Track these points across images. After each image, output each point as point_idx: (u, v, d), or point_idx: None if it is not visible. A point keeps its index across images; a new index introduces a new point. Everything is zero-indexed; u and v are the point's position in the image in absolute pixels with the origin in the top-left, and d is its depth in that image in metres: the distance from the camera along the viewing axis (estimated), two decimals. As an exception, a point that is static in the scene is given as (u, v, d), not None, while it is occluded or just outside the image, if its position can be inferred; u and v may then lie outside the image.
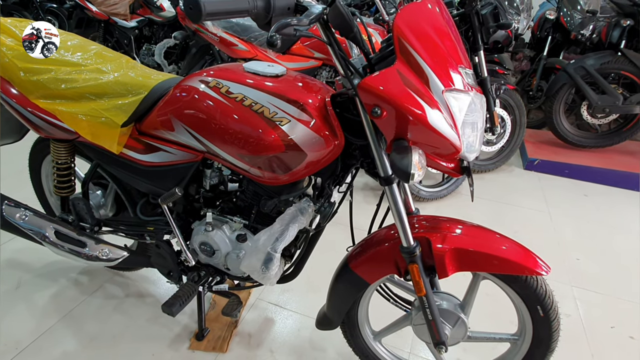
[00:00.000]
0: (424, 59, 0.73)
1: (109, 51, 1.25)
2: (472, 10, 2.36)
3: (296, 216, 0.97)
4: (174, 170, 1.11)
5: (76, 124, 1.09)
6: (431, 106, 0.75)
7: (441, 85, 0.74)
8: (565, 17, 3.30)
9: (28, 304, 1.56)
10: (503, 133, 2.75)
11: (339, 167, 1.00)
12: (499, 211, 2.42)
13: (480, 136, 0.85)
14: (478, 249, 0.96)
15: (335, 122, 0.92)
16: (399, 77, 0.73)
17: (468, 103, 0.78)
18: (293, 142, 0.89)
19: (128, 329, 1.48)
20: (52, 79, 1.08)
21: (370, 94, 0.75)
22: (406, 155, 0.74)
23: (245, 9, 0.59)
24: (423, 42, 0.73)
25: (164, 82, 1.11)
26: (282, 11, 0.63)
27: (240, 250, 1.13)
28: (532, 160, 2.90)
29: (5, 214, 1.31)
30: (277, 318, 1.56)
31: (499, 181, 2.78)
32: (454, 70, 0.76)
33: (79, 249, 1.28)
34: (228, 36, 2.30)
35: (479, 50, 2.46)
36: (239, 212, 1.16)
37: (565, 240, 2.15)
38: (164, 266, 1.26)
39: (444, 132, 0.77)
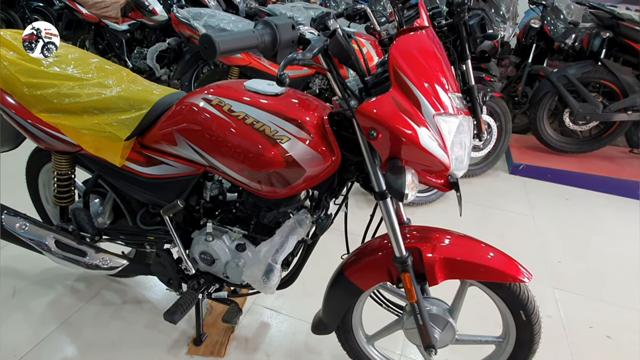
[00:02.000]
0: (417, 86, 0.79)
1: (109, 64, 1.28)
2: (460, 20, 2.44)
3: (295, 228, 1.02)
4: (175, 183, 1.15)
5: (79, 137, 1.12)
6: (423, 129, 0.81)
7: (432, 110, 0.80)
8: (549, 26, 3.42)
9: (25, 312, 1.57)
10: (489, 139, 2.84)
11: (336, 181, 1.05)
12: (485, 215, 2.51)
13: (468, 154, 0.91)
14: (465, 259, 1.02)
15: (333, 139, 0.97)
16: (393, 103, 0.79)
17: (457, 125, 0.84)
18: (292, 158, 0.94)
19: (126, 335, 1.50)
20: (55, 94, 1.11)
21: (368, 118, 0.80)
22: (400, 176, 0.80)
23: (255, 44, 0.64)
24: (416, 71, 0.79)
25: (166, 97, 1.15)
26: (287, 44, 0.68)
27: (239, 259, 1.17)
28: (517, 165, 3.00)
29: (5, 223, 1.32)
30: (273, 322, 1.61)
31: (486, 185, 2.88)
32: (444, 96, 0.82)
33: (79, 258, 1.31)
34: (222, 44, 2.33)
35: (467, 60, 2.55)
36: (238, 223, 1.20)
37: (548, 243, 2.24)
38: (164, 274, 1.29)
39: (434, 152, 0.83)
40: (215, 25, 2.32)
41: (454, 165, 0.87)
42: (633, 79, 2.77)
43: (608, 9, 2.86)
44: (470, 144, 0.90)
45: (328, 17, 1.06)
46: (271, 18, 0.68)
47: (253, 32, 0.64)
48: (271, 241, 1.01)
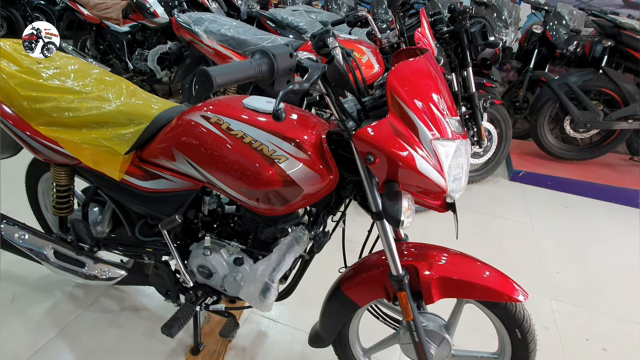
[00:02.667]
0: (414, 112, 0.79)
1: (109, 75, 1.28)
2: (461, 28, 2.43)
3: (292, 245, 1.02)
4: (173, 197, 1.15)
5: (78, 151, 1.12)
6: (420, 154, 0.81)
7: (429, 135, 0.80)
8: (551, 32, 3.41)
9: (23, 319, 1.58)
10: (489, 146, 2.84)
11: (333, 199, 1.05)
12: (484, 223, 2.51)
13: (465, 177, 0.91)
14: (462, 278, 1.03)
15: (330, 158, 0.97)
16: (391, 128, 0.79)
17: (454, 150, 0.84)
18: (290, 178, 0.94)
19: (124, 343, 1.51)
20: (54, 108, 1.11)
21: (365, 143, 0.81)
22: (397, 202, 0.80)
23: (252, 75, 0.64)
24: (413, 97, 0.79)
25: (165, 111, 1.15)
26: (285, 72, 0.68)
27: (237, 273, 1.18)
28: (517, 171, 3.00)
29: (4, 233, 1.33)
30: (270, 332, 1.61)
31: (485, 192, 2.88)
32: (441, 120, 0.82)
33: (77, 268, 1.32)
34: (223, 49, 2.33)
35: (468, 67, 2.54)
36: (236, 237, 1.20)
37: (546, 253, 2.25)
38: (162, 286, 1.30)
39: (431, 176, 0.83)
40: (216, 30, 2.32)
41: (451, 187, 0.87)
42: (634, 88, 2.76)
43: (610, 18, 2.85)
44: (468, 167, 0.90)
45: (328, 34, 1.06)
46: (269, 47, 0.68)
47: (250, 63, 0.64)
48: (268, 259, 1.01)
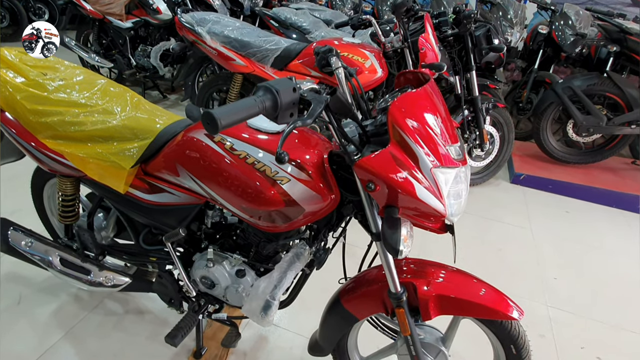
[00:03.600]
0: (415, 142, 0.80)
1: (114, 85, 1.29)
2: (466, 31, 2.42)
3: (293, 262, 1.04)
4: (177, 211, 1.17)
5: (84, 165, 1.14)
6: (420, 182, 0.82)
7: (429, 164, 0.82)
8: (557, 32, 3.38)
9: (30, 320, 1.61)
10: (491, 149, 2.85)
11: (334, 218, 1.07)
12: (484, 227, 2.53)
13: (465, 200, 0.93)
14: (458, 296, 1.05)
15: (332, 179, 0.99)
16: (391, 158, 0.80)
17: (453, 176, 0.86)
18: (292, 199, 0.96)
19: (128, 346, 1.55)
20: (60, 122, 1.13)
21: (366, 172, 0.82)
22: (396, 230, 0.82)
23: (256, 112, 0.65)
24: (414, 127, 0.80)
25: (170, 126, 1.16)
26: (288, 106, 0.69)
27: (239, 284, 1.20)
28: (519, 174, 3.01)
29: (11, 240, 1.36)
30: (270, 336, 1.65)
31: (486, 195, 2.89)
32: (442, 149, 0.83)
33: (83, 275, 1.34)
34: (226, 51, 2.33)
35: (471, 70, 2.54)
36: (238, 249, 1.22)
37: (545, 259, 2.27)
38: (166, 294, 1.33)
39: (430, 203, 0.84)
40: (219, 32, 2.31)
41: (450, 212, 0.89)
42: (638, 93, 2.75)
43: (616, 23, 2.82)
44: (467, 191, 0.92)
45: (331, 53, 1.06)
46: (272, 82, 0.68)
47: (254, 101, 0.65)
48: (270, 277, 1.03)
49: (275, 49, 2.25)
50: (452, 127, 0.88)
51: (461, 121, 2.64)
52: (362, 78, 2.13)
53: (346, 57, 2.13)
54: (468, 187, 0.92)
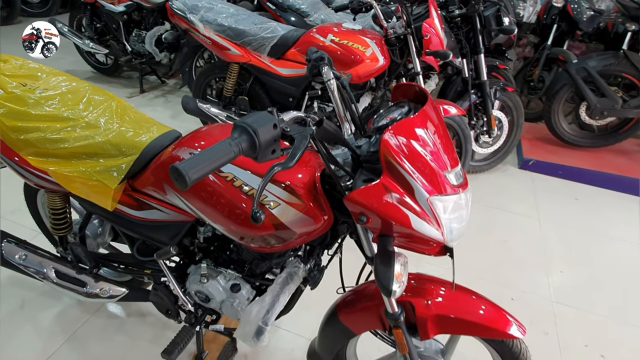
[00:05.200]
0: (409, 173, 0.74)
1: (99, 93, 1.23)
2: (474, 12, 2.28)
3: (286, 284, 1.01)
4: (167, 227, 1.13)
5: (68, 183, 1.10)
6: (415, 213, 0.77)
7: (426, 194, 0.76)
8: (572, 6, 3.17)
9: (34, 325, 1.63)
10: (499, 135, 2.74)
11: (329, 237, 1.03)
12: (489, 217, 2.47)
13: (466, 225, 0.87)
14: (458, 315, 1.01)
15: (324, 200, 0.93)
16: (384, 190, 0.74)
17: (452, 204, 0.80)
18: (282, 223, 0.91)
19: (131, 350, 1.56)
20: (41, 139, 1.08)
21: (357, 205, 0.77)
22: (389, 267, 0.77)
23: (231, 157, 0.59)
24: (409, 157, 0.74)
25: (155, 140, 1.11)
26: (269, 144, 0.63)
27: (234, 299, 1.18)
28: (527, 160, 2.92)
29: (5, 252, 1.34)
30: (271, 338, 1.65)
31: (493, 182, 2.81)
32: (440, 177, 0.77)
33: (79, 288, 1.33)
34: (221, 40, 2.22)
35: (480, 54, 2.41)
36: (232, 263, 1.20)
37: (551, 251, 2.22)
38: (162, 306, 1.32)
39: (427, 233, 0.79)
40: (212, 20, 2.20)
41: (449, 238, 0.84)
42: (657, 73, 2.59)
43: None
44: (468, 217, 0.86)
45: (323, 62, 0.98)
46: (250, 120, 0.62)
47: (229, 145, 0.59)
48: (262, 301, 1.00)
49: (271, 37, 2.14)
50: (452, 150, 0.81)
51: (467, 107, 2.53)
52: (363, 67, 2.02)
53: (346, 46, 2.02)
54: (469, 210, 0.86)
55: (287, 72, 2.18)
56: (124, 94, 3.60)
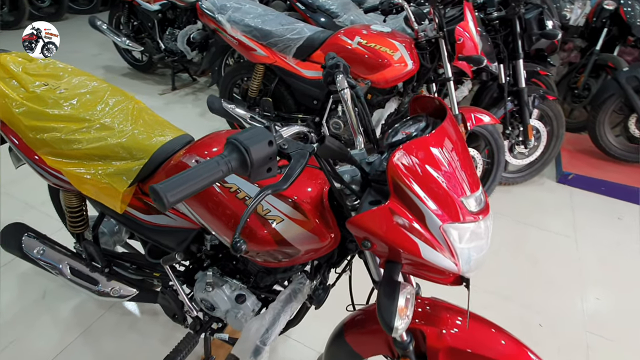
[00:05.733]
0: (420, 198, 0.66)
1: (116, 94, 1.23)
2: (514, 14, 2.14)
3: (289, 302, 0.96)
4: (174, 233, 1.12)
5: (80, 184, 1.10)
6: (425, 241, 0.69)
7: (438, 221, 0.68)
8: (625, 9, 2.93)
9: (53, 315, 1.68)
10: (537, 146, 2.57)
11: (335, 256, 0.97)
12: (521, 234, 2.31)
13: (486, 253, 0.79)
14: (474, 350, 0.93)
15: (332, 217, 0.88)
16: (390, 215, 0.67)
17: (469, 233, 0.72)
18: (285, 240, 0.86)
19: (141, 349, 1.57)
20: (56, 139, 1.08)
21: (360, 230, 0.70)
22: (392, 301, 0.70)
23: (218, 177, 0.54)
24: (420, 180, 0.66)
25: (166, 145, 1.09)
26: (263, 162, 0.58)
27: (239, 310, 1.15)
28: (567, 173, 2.72)
29: (25, 246, 1.38)
30: (280, 348, 1.61)
31: (527, 196, 2.64)
32: (456, 202, 0.69)
33: (91, 285, 1.35)
34: (247, 40, 2.20)
35: (518, 59, 2.26)
36: (239, 273, 1.16)
37: (588, 274, 2.05)
38: (169, 309, 1.31)
39: (438, 263, 0.72)
40: (239, 20, 2.18)
41: (465, 269, 0.76)
42: None
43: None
44: (488, 246, 0.77)
45: (338, 69, 0.92)
46: (243, 136, 0.57)
47: (216, 164, 0.54)
48: (262, 319, 0.96)
49: (297, 38, 2.10)
50: (472, 173, 0.73)
51: (502, 115, 2.38)
52: (390, 71, 1.94)
53: (373, 49, 1.94)
54: (489, 239, 0.78)
55: (312, 74, 2.13)
56: (157, 90, 3.68)
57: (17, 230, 1.42)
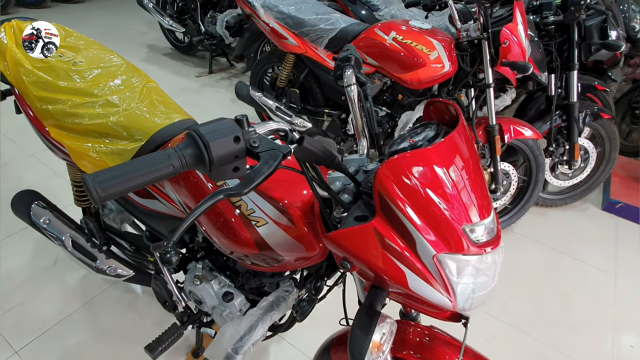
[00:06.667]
0: (412, 221, 0.56)
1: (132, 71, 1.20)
2: (573, 20, 1.92)
3: (269, 311, 0.89)
4: (166, 220, 1.07)
5: (79, 159, 1.08)
6: (414, 271, 0.59)
7: (432, 250, 0.58)
8: None
9: (59, 284, 1.71)
10: (583, 167, 2.32)
11: (324, 268, 0.88)
12: (553, 262, 2.11)
13: (490, 293, 0.67)
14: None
15: (322, 229, 0.79)
16: (375, 236, 0.58)
17: (470, 267, 0.61)
18: (267, 245, 0.79)
19: (136, 329, 1.57)
20: (61, 111, 1.07)
21: (338, 247, 0.61)
22: (366, 336, 0.61)
23: (168, 172, 0.47)
24: (415, 201, 0.56)
25: (165, 128, 1.05)
26: (226, 160, 0.50)
27: (225, 308, 1.09)
28: (614, 202, 2.45)
29: (33, 214, 1.40)
30: (273, 349, 1.55)
31: (565, 221, 2.41)
32: (456, 230, 0.58)
33: (90, 261, 1.35)
34: (280, 27, 2.14)
35: (573, 70, 2.04)
36: (228, 270, 1.11)
37: (624, 318, 1.82)
38: (161, 296, 1.28)
39: (428, 297, 0.61)
40: (273, 6, 2.12)
41: (462, 306, 0.65)
42: None
43: None
44: (495, 281, 0.66)
45: (349, 63, 0.82)
46: (206, 128, 0.49)
47: (167, 156, 0.47)
48: (237, 324, 0.89)
49: (330, 29, 2.00)
50: (484, 195, 0.61)
51: (547, 131, 2.16)
52: (424, 72, 1.80)
53: (409, 46, 1.81)
54: (496, 276, 0.66)
55: (342, 68, 2.03)
56: (194, 72, 3.71)
57: (29, 197, 1.44)
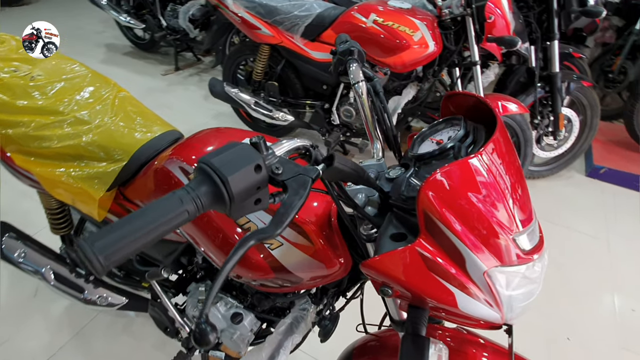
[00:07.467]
0: (461, 238, 0.50)
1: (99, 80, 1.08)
2: (552, -11, 1.89)
3: (290, 333, 0.82)
4: (160, 245, 0.98)
5: (53, 188, 0.96)
6: (463, 290, 0.53)
7: (483, 266, 0.52)
8: (674, -18, 2.62)
9: (44, 316, 1.58)
10: (567, 137, 2.34)
11: (345, 283, 0.82)
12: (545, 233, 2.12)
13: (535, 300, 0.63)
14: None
15: (342, 243, 0.72)
16: (420, 259, 0.51)
17: (519, 277, 0.56)
18: (284, 268, 0.71)
19: (134, 353, 1.48)
20: (24, 135, 0.94)
21: (379, 274, 0.54)
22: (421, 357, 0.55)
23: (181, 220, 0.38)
24: (462, 215, 0.50)
25: (148, 143, 0.94)
26: (248, 194, 0.42)
27: (235, 331, 1.01)
28: (598, 167, 2.50)
29: (5, 247, 1.26)
30: (283, 358, 1.49)
31: (554, 192, 2.44)
32: (505, 241, 0.53)
33: (76, 293, 1.23)
34: (251, 17, 2.00)
35: (553, 40, 2.02)
36: (235, 290, 1.02)
37: (622, 282, 1.87)
38: (160, 322, 1.19)
39: (478, 314, 0.56)
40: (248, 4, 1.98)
41: (509, 316, 0.60)
42: None
43: None
44: (540, 287, 0.61)
45: (352, 57, 0.74)
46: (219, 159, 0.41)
47: (180, 201, 0.38)
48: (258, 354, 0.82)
49: (305, 15, 1.90)
50: (526, 200, 0.56)
51: (531, 103, 2.16)
52: (408, 54, 1.73)
53: (390, 28, 1.73)
54: (542, 281, 0.61)
55: (322, 56, 1.93)
56: (159, 71, 3.50)
57: None
